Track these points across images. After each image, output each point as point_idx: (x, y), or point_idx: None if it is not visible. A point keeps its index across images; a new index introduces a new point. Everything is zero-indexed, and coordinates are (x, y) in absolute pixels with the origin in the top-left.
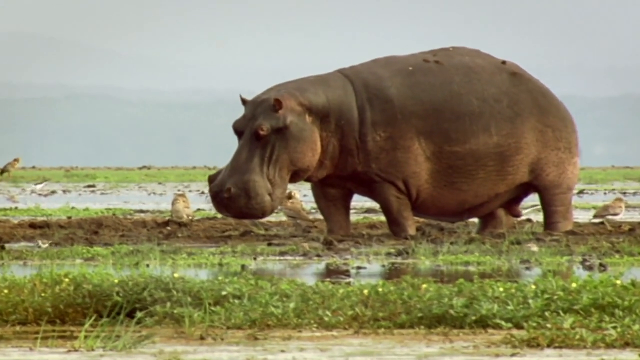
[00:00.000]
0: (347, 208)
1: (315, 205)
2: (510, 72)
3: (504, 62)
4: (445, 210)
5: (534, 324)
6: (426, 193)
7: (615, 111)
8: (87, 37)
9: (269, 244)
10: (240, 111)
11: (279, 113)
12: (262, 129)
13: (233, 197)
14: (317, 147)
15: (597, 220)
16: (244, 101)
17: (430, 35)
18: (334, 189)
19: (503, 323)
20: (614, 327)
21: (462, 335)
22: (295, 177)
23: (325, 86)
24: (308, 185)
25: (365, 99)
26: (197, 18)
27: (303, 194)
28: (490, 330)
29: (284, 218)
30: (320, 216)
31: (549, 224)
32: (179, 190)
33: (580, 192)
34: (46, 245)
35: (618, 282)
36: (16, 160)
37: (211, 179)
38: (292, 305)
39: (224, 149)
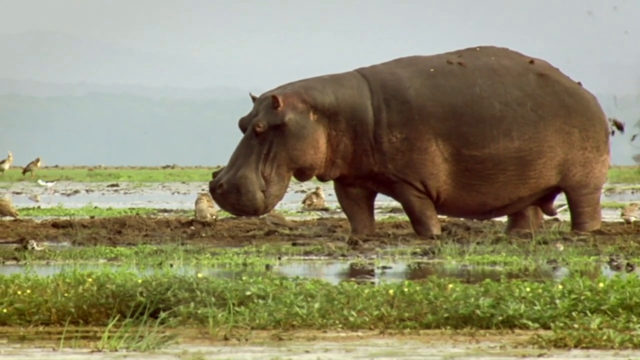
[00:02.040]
0: (370, 207)
1: (339, 205)
2: (536, 72)
3: (532, 62)
4: (466, 211)
5: (561, 325)
6: (446, 194)
7: None
8: (109, 35)
9: (294, 244)
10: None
11: (278, 110)
12: (259, 125)
13: (225, 194)
14: (319, 145)
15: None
16: (253, 99)
17: (457, 33)
18: (355, 188)
19: (530, 323)
20: None
21: (488, 335)
22: (301, 175)
23: (336, 85)
24: (332, 184)
25: (381, 99)
26: (221, 16)
27: (328, 194)
28: (517, 331)
29: (308, 217)
30: (344, 216)
31: (576, 224)
32: (202, 190)
33: (608, 190)
34: (41, 247)
35: None
36: (37, 160)
37: (214, 176)
38: (317, 305)
39: None
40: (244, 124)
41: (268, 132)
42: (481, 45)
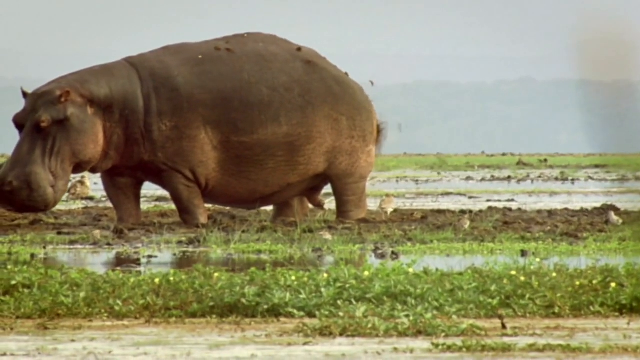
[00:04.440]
0: (137, 196)
1: (105, 194)
2: (304, 60)
3: (299, 49)
4: (236, 199)
5: (326, 313)
6: (215, 181)
7: (408, 98)
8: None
9: (59, 233)
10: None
11: (60, 105)
12: (42, 121)
13: (15, 191)
14: (98, 139)
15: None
16: (24, 94)
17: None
18: (123, 177)
19: (295, 312)
20: (407, 316)
21: (254, 324)
22: (78, 168)
23: (108, 76)
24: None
25: (151, 87)
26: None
27: (93, 182)
28: (282, 319)
29: (73, 207)
30: (109, 204)
31: (341, 212)
32: None
33: (372, 179)
34: None
35: (410, 270)
36: None
37: None
38: (82, 294)
39: (12, 138)
40: (20, 120)
41: (51, 127)
42: (249, 31)
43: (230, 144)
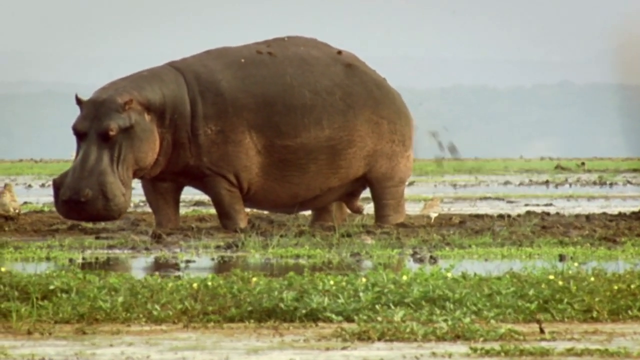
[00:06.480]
0: (176, 201)
1: (144, 198)
2: (345, 63)
3: (339, 52)
4: (277, 203)
5: (365, 317)
6: (258, 186)
7: (446, 102)
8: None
9: (97, 238)
10: None
11: (124, 113)
12: (111, 129)
13: (90, 201)
14: (156, 146)
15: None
16: (79, 101)
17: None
18: (165, 182)
19: (333, 316)
20: (445, 320)
21: (292, 329)
22: (133, 175)
23: (159, 82)
24: None
25: (197, 92)
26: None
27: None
28: (320, 324)
29: None
30: (147, 209)
31: (379, 216)
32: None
33: (410, 184)
34: None
35: (449, 274)
36: None
37: (57, 184)
38: (120, 299)
39: (49, 141)
40: (81, 128)
41: (118, 135)
42: (289, 35)
43: (274, 148)
